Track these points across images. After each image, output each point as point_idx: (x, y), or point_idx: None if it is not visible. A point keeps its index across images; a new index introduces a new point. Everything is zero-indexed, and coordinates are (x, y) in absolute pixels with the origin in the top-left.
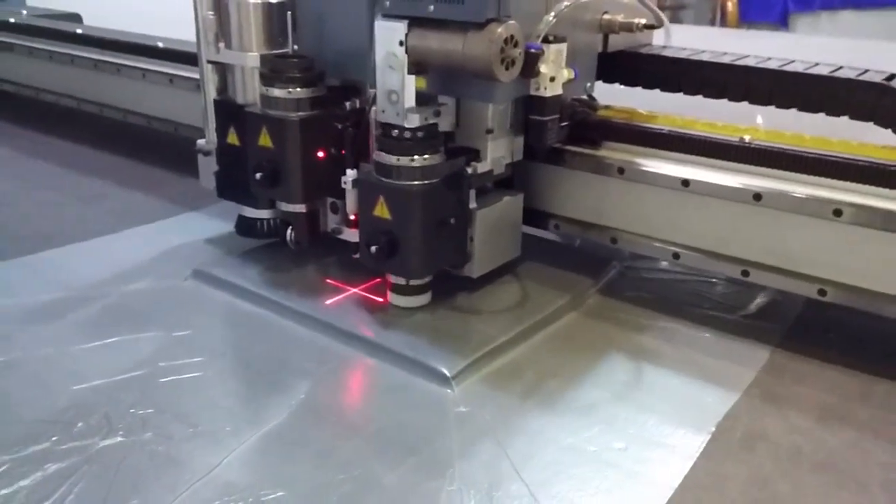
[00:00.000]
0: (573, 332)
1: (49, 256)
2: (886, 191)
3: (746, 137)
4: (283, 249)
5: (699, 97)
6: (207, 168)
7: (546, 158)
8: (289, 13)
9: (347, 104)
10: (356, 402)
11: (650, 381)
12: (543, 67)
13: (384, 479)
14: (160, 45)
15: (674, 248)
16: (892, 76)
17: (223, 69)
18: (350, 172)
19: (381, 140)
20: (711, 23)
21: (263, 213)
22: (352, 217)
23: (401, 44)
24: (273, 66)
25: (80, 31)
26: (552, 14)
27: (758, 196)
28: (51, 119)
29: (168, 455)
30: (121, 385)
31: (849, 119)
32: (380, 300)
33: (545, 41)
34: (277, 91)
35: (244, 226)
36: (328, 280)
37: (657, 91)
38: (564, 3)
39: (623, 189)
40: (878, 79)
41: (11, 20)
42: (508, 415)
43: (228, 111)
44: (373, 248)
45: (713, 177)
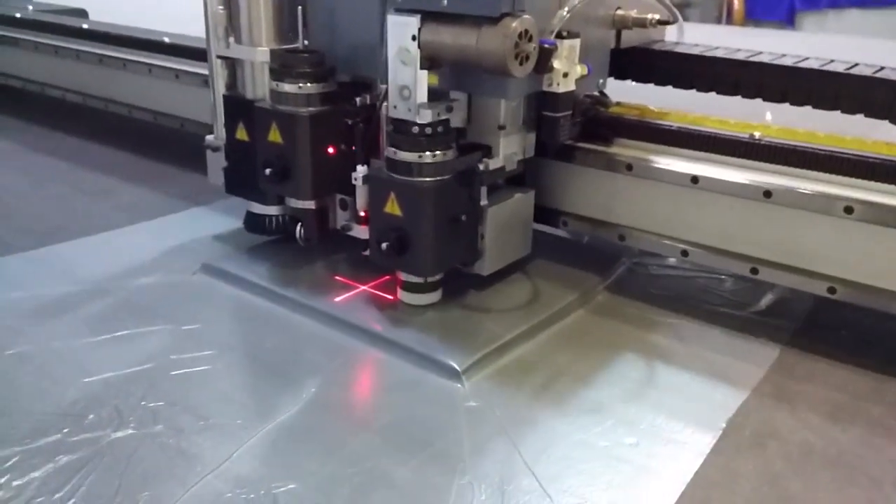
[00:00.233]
0: (582, 329)
1: (58, 250)
2: None
3: (756, 134)
4: (292, 246)
5: (702, 95)
6: (216, 164)
7: (557, 155)
8: (299, 7)
9: (358, 100)
10: (366, 397)
11: (660, 378)
12: (556, 63)
13: (395, 473)
14: (166, 41)
15: (682, 246)
16: None
17: (233, 64)
18: (360, 169)
19: (393, 136)
20: (718, 20)
21: (272, 210)
22: (362, 214)
23: (413, 38)
24: (283, 61)
25: (86, 26)
26: (566, 9)
27: (768, 193)
28: (56, 114)
29: (179, 447)
30: (131, 378)
31: (864, 117)
32: (390, 297)
33: (558, 36)
34: (287, 86)
35: (253, 222)
36: (337, 277)
37: (656, 88)
38: None
39: (632, 186)
40: (895, 76)
41: (17, 15)
42: (519, 410)
43: (238, 107)
44: (383, 246)
45: (723, 173)
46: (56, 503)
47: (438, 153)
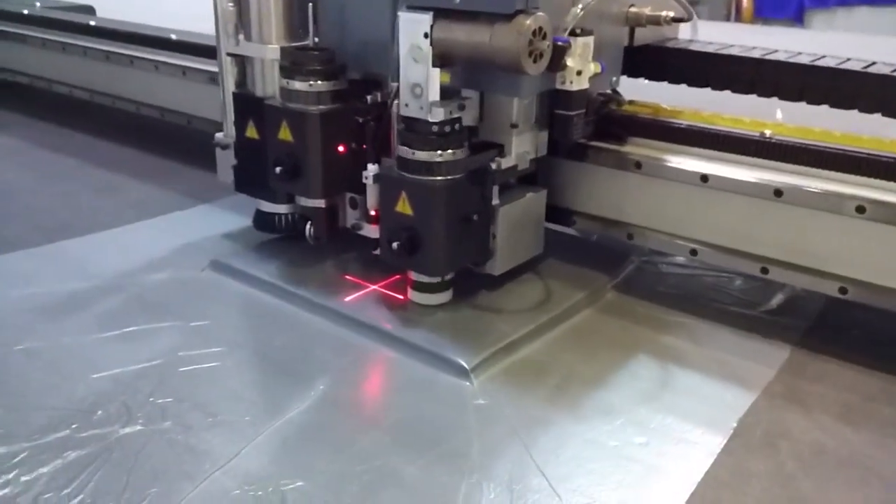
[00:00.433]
0: (591, 329)
1: (66, 247)
2: None
3: (767, 132)
4: (301, 243)
5: (706, 92)
6: (225, 162)
7: (570, 154)
8: (310, 4)
9: (369, 98)
10: (375, 394)
11: (670, 378)
12: (570, 61)
13: (404, 471)
14: (173, 38)
15: (692, 245)
16: None
17: (242, 61)
18: (371, 167)
19: (404, 134)
20: (726, 18)
21: (282, 208)
22: (372, 213)
23: (426, 36)
24: (294, 59)
25: (94, 23)
26: (580, 6)
27: (778, 192)
28: (64, 111)
29: (187, 444)
30: (139, 374)
31: (881, 116)
32: (400, 297)
33: (572, 34)
34: (298, 84)
35: (262, 220)
36: (347, 276)
37: (658, 85)
38: None
39: (642, 184)
40: None
41: (25, 12)
42: (528, 408)
43: (247, 104)
44: (394, 245)
45: (733, 172)
46: (64, 499)
47: (450, 152)
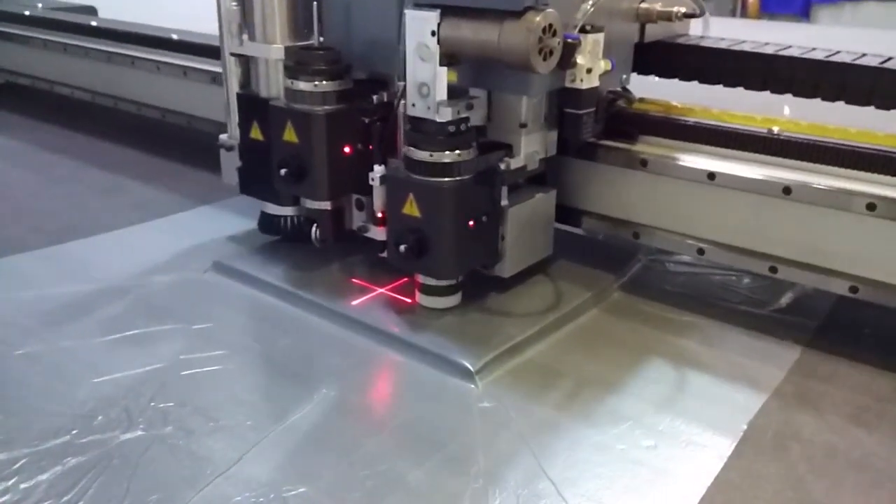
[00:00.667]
0: (597, 329)
1: (68, 249)
2: None
3: (775, 129)
4: (306, 246)
5: (711, 89)
6: (230, 164)
7: (580, 153)
8: (314, 3)
9: (375, 98)
10: (379, 397)
11: (678, 379)
12: (580, 58)
13: (408, 476)
14: (174, 38)
15: (699, 244)
16: None
17: (246, 62)
18: (378, 168)
19: (411, 135)
20: (732, 14)
21: (287, 210)
22: (379, 215)
23: (433, 34)
24: (298, 59)
25: (95, 24)
26: (590, 3)
27: (787, 189)
28: (66, 112)
29: (188, 449)
30: (141, 378)
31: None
32: (408, 301)
33: (582, 31)
34: (303, 84)
35: (267, 223)
36: (354, 280)
37: (662, 81)
38: None
39: (648, 183)
40: None
41: (27, 13)
42: (534, 411)
43: (252, 105)
44: (401, 248)
45: (740, 169)
46: None
47: (458, 152)
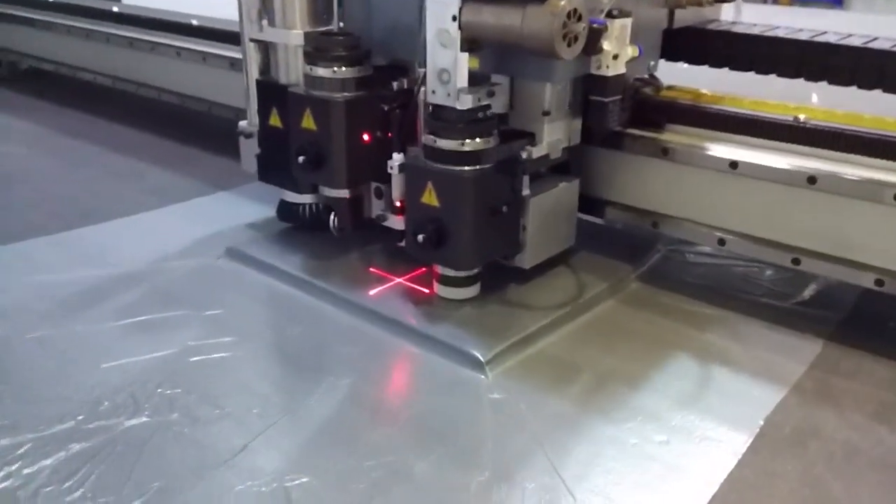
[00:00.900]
0: (612, 321)
1: (85, 234)
2: None
3: (801, 116)
4: (324, 234)
5: (733, 76)
6: (249, 151)
7: (605, 142)
8: None
9: (395, 84)
10: (388, 388)
11: (694, 372)
12: (606, 44)
13: (415, 468)
14: (194, 23)
15: (720, 234)
16: None
17: (266, 48)
18: (396, 156)
19: (431, 122)
20: (764, 0)
21: (305, 198)
22: (398, 204)
23: (454, 19)
24: (317, 45)
25: (117, 10)
26: None
27: (812, 179)
28: (87, 97)
29: (193, 437)
30: (149, 364)
31: None
32: (426, 291)
33: (608, 16)
34: (322, 70)
35: (285, 211)
36: (371, 269)
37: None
38: None
39: (670, 171)
40: None
41: None
42: (543, 403)
43: (271, 92)
44: (420, 237)
45: (763, 158)
46: (65, 492)
47: (479, 140)
